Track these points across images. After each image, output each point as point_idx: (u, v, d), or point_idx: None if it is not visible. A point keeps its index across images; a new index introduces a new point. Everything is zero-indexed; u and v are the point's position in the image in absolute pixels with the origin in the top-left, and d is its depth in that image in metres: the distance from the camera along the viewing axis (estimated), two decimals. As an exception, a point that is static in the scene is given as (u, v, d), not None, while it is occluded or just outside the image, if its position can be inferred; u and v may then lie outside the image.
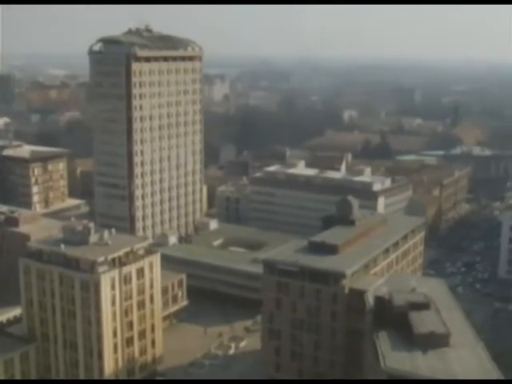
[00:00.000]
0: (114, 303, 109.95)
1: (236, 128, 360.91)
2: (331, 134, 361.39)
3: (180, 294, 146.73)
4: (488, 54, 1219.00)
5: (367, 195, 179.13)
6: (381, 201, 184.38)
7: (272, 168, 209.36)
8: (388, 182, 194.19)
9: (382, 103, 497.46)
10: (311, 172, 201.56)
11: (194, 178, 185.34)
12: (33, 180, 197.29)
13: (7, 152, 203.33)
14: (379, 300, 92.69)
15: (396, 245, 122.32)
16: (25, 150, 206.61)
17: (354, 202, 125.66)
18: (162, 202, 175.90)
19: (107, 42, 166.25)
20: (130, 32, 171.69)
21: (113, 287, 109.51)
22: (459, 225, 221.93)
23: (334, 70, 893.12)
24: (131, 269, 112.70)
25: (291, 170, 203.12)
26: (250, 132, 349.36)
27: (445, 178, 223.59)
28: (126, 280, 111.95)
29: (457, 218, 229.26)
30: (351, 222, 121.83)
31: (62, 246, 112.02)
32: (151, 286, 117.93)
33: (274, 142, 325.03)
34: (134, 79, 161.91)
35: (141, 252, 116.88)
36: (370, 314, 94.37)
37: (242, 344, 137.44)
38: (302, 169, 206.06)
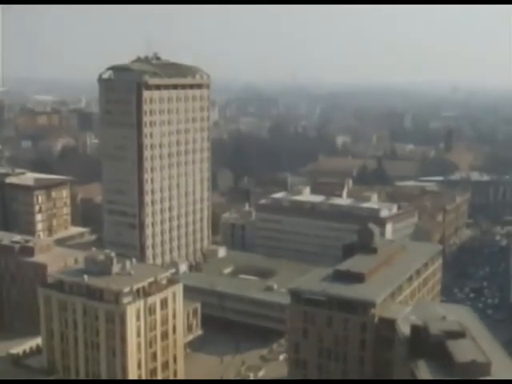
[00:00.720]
0: (139, 334, 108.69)
1: (230, 154, 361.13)
2: (325, 160, 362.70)
3: (195, 323, 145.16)
4: (468, 80, 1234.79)
5: (375, 222, 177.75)
6: (388, 227, 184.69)
7: (278, 195, 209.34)
8: (395, 209, 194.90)
9: (372, 128, 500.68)
10: (317, 199, 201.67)
11: (201, 206, 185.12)
12: (37, 208, 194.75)
13: (10, 179, 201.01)
14: (415, 329, 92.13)
15: (418, 272, 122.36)
16: (28, 177, 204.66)
17: (376, 230, 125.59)
18: (171, 230, 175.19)
19: (117, 69, 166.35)
20: (139, 60, 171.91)
21: (138, 318, 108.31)
22: (462, 250, 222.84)
23: (318, 95, 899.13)
24: (156, 299, 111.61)
25: (297, 197, 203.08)
26: (245, 158, 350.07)
27: (447, 204, 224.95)
28: (151, 310, 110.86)
29: (458, 243, 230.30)
30: (373, 250, 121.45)
31: (85, 276, 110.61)
32: (174, 316, 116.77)
33: (269, 168, 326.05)
34: (145, 107, 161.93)
35: (163, 282, 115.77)
36: (405, 343, 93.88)
37: (260, 373, 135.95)
38: (307, 195, 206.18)
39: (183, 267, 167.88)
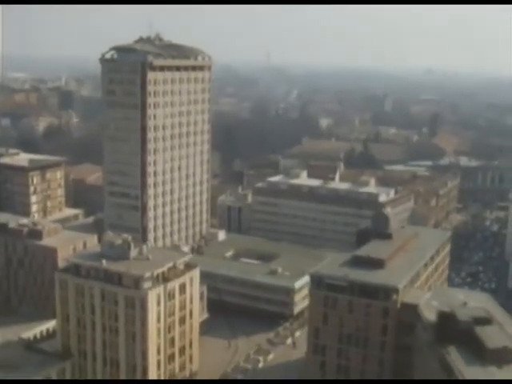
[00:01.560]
0: (158, 319, 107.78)
1: (216, 136, 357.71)
2: (310, 142, 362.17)
3: (201, 306, 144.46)
4: (445, 64, 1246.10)
5: (373, 206, 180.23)
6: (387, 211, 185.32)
7: (274, 178, 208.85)
8: (392, 193, 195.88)
9: (354, 111, 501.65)
10: (315, 182, 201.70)
11: (201, 188, 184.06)
12: (32, 189, 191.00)
13: (4, 160, 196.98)
14: (442, 315, 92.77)
15: (432, 259, 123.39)
16: (22, 158, 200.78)
17: (390, 215, 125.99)
18: (172, 213, 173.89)
19: (121, 50, 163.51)
20: (142, 40, 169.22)
21: (158, 303, 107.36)
22: (455, 235, 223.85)
23: (296, 76, 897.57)
24: (175, 284, 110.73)
25: (294, 181, 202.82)
26: (231, 140, 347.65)
27: (440, 189, 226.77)
28: (170, 296, 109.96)
29: (449, 227, 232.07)
30: (388, 236, 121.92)
31: (104, 261, 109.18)
32: (191, 302, 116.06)
33: (255, 149, 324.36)
34: (149, 88, 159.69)
35: (181, 267, 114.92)
36: (429, 329, 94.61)
37: (270, 357, 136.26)
38: (304, 179, 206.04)
39: (185, 250, 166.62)
